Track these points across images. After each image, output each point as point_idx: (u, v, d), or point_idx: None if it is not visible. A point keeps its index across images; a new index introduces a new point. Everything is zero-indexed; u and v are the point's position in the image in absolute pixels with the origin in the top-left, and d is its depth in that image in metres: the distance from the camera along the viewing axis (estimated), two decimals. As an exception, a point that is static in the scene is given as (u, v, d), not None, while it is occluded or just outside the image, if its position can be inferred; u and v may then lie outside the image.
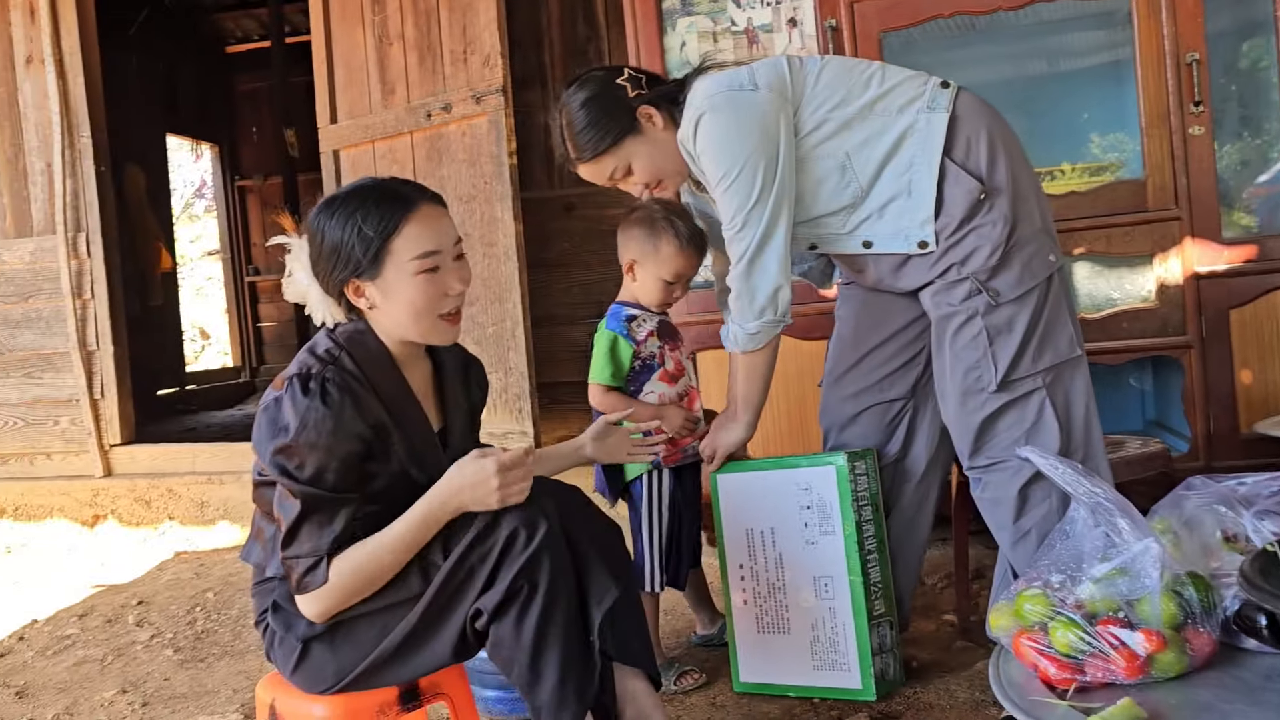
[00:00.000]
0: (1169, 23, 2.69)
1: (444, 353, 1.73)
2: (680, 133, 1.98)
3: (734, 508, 2.13)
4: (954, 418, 1.96)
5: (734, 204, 1.91)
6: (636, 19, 3.10)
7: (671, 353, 2.31)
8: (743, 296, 1.95)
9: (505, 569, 1.48)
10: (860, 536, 1.99)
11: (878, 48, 2.91)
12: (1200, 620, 1.38)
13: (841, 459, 1.99)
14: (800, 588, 2.04)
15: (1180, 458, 2.70)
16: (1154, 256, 2.73)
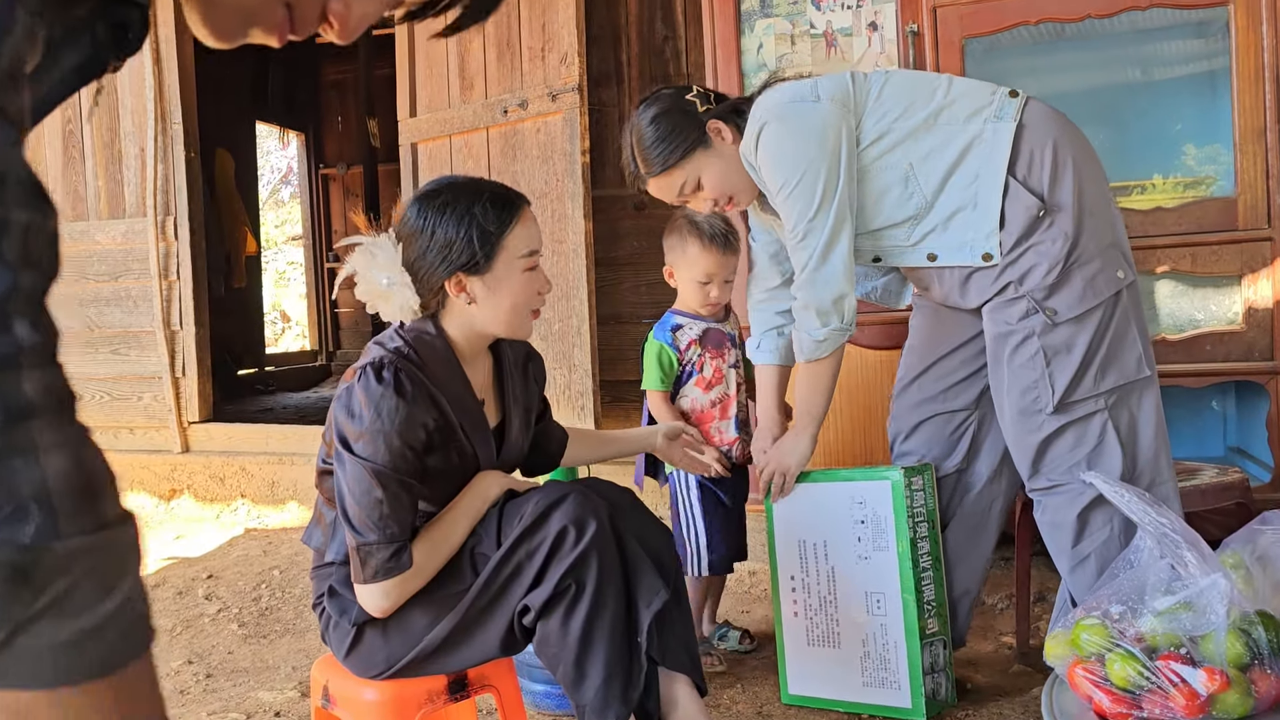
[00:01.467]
0: (1269, 35, 2.59)
1: (506, 349, 1.75)
2: (743, 145, 1.99)
3: (787, 518, 2.10)
4: (1013, 438, 1.93)
5: (795, 212, 1.91)
6: (715, 19, 3.08)
7: (712, 360, 2.36)
8: (809, 305, 1.95)
9: (554, 567, 1.49)
10: (915, 554, 1.95)
11: (960, 54, 2.85)
12: (1268, 662, 1.33)
13: (898, 474, 1.96)
14: (852, 603, 2.01)
15: (1260, 488, 2.59)
16: (1242, 277, 2.63)
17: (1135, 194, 2.89)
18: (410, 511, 1.52)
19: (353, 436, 1.49)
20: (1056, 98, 3.30)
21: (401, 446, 1.49)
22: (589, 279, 3.62)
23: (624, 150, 2.07)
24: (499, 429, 1.70)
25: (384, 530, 1.49)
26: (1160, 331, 2.74)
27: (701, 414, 2.37)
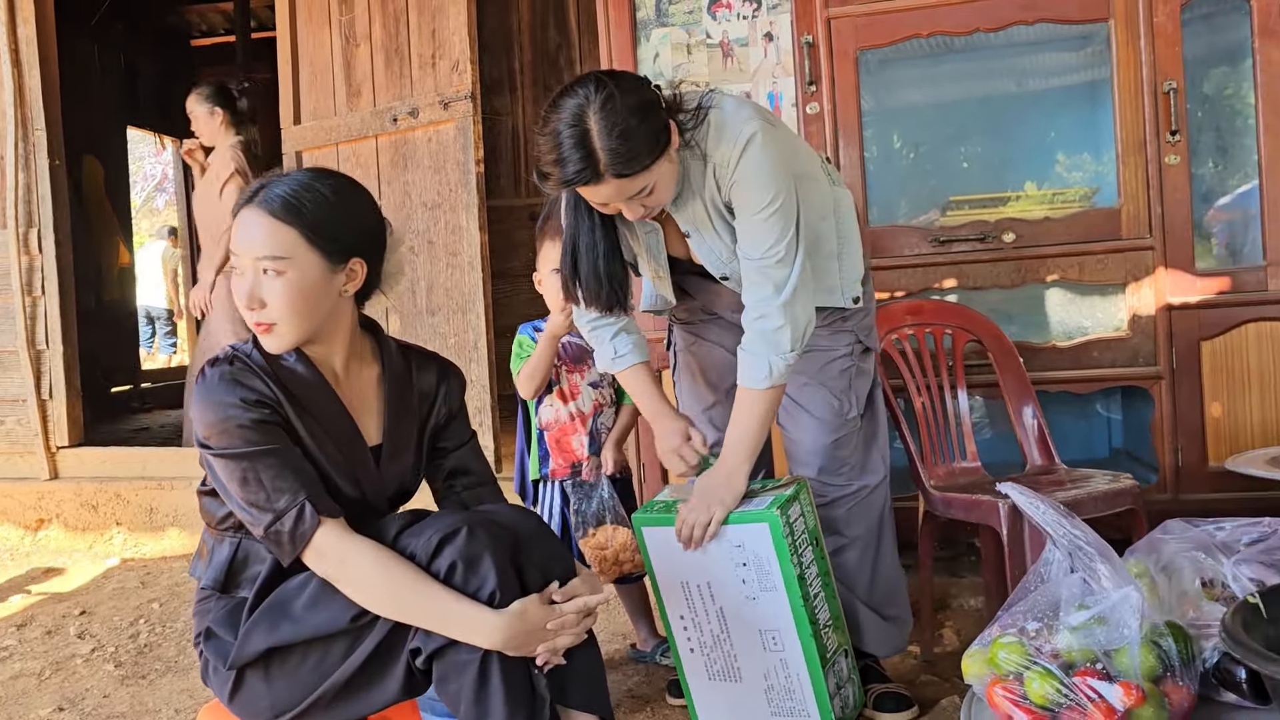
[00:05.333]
0: (1148, 50, 2.68)
1: (396, 362, 1.65)
2: (717, 154, 1.87)
3: (665, 561, 1.97)
4: (809, 440, 2.10)
5: (776, 231, 1.86)
6: (610, 28, 3.04)
7: (569, 374, 2.37)
8: (785, 327, 1.88)
9: None
10: (804, 589, 1.87)
11: (854, 65, 2.88)
12: (1179, 673, 1.34)
13: (774, 513, 1.84)
14: (747, 641, 1.93)
15: (1147, 489, 2.68)
16: (1126, 286, 2.72)
17: (1013, 203, 2.96)
18: (295, 473, 1.46)
19: (206, 435, 1.46)
20: (947, 107, 3.40)
21: (253, 421, 1.45)
22: (485, 292, 3.54)
23: (564, 140, 1.73)
24: (379, 447, 1.61)
25: (274, 504, 1.44)
26: (1050, 339, 2.81)
27: (563, 426, 2.39)
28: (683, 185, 1.91)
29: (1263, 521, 1.57)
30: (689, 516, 1.90)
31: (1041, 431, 2.49)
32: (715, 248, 1.97)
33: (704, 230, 1.95)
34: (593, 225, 1.95)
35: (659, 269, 2.05)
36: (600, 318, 2.07)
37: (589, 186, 1.77)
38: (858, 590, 2.11)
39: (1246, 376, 2.66)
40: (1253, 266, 2.69)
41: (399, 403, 1.63)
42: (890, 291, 2.81)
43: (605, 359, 2.11)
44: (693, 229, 1.96)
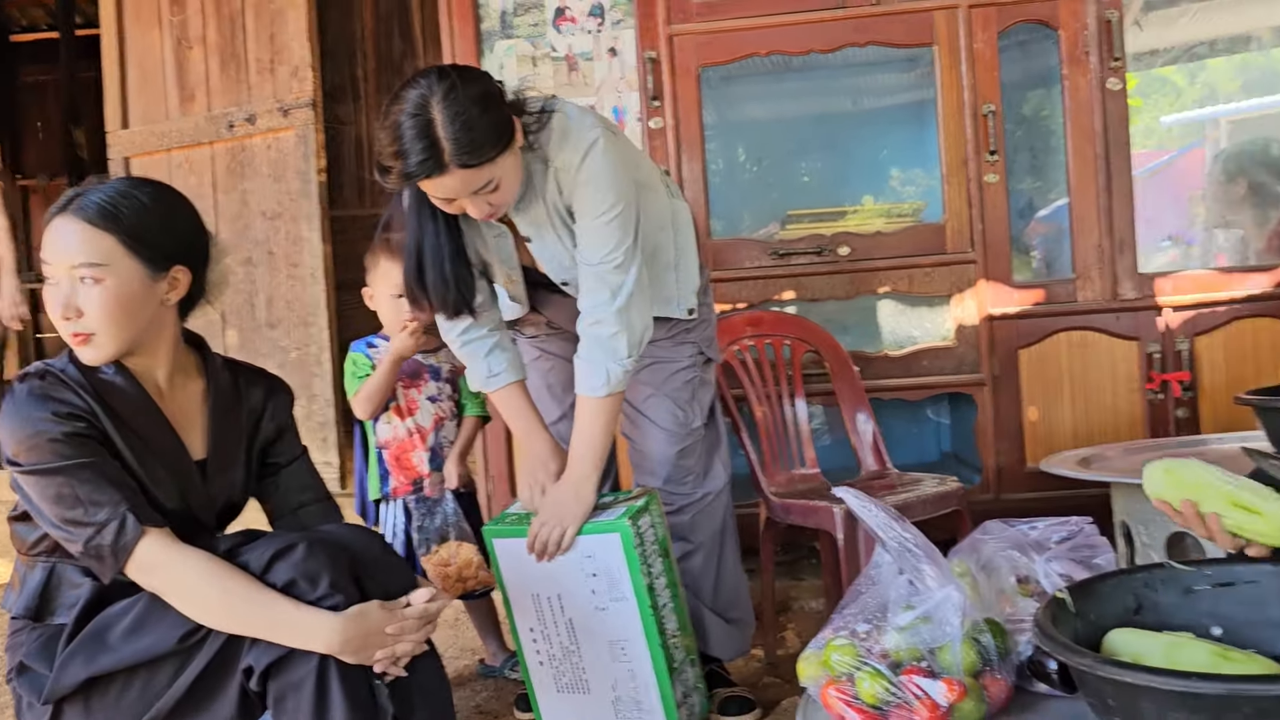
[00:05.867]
0: (968, 75, 2.84)
1: (222, 376, 1.60)
2: (560, 158, 1.87)
3: (516, 573, 1.95)
4: (654, 449, 2.13)
5: (615, 238, 1.87)
6: (454, 39, 3.02)
7: (405, 390, 2.35)
8: (620, 333, 1.89)
9: None
10: (654, 599, 1.89)
11: (696, 81, 2.94)
12: (997, 667, 1.42)
13: (624, 524, 1.85)
14: (596, 652, 1.94)
15: (973, 490, 2.83)
16: (952, 297, 2.87)
17: (850, 216, 3.09)
18: (114, 485, 1.40)
19: (15, 453, 1.40)
20: (788, 123, 3.51)
21: (65, 435, 1.39)
22: (329, 304, 3.46)
23: (406, 131, 1.69)
24: (204, 463, 1.56)
25: (93, 517, 1.38)
26: (883, 348, 2.94)
27: (401, 443, 2.36)
28: (525, 188, 1.90)
29: (1070, 521, 1.68)
30: (541, 531, 1.89)
31: (875, 437, 2.60)
32: (556, 253, 1.97)
33: (545, 235, 1.96)
34: (437, 228, 1.92)
35: (511, 273, 2.05)
36: (465, 332, 2.03)
37: (433, 179, 1.73)
38: (702, 596, 2.15)
39: (1059, 382, 2.85)
40: (1064, 279, 2.88)
41: (224, 417, 1.59)
42: (732, 303, 2.88)
43: (479, 377, 2.06)
44: (534, 233, 1.97)
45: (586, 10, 3.15)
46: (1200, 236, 3.13)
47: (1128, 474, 2.27)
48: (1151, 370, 2.82)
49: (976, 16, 2.83)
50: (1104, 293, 2.84)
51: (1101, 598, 1.44)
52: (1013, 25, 2.85)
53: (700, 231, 2.67)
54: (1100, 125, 2.82)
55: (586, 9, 3.14)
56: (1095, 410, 2.84)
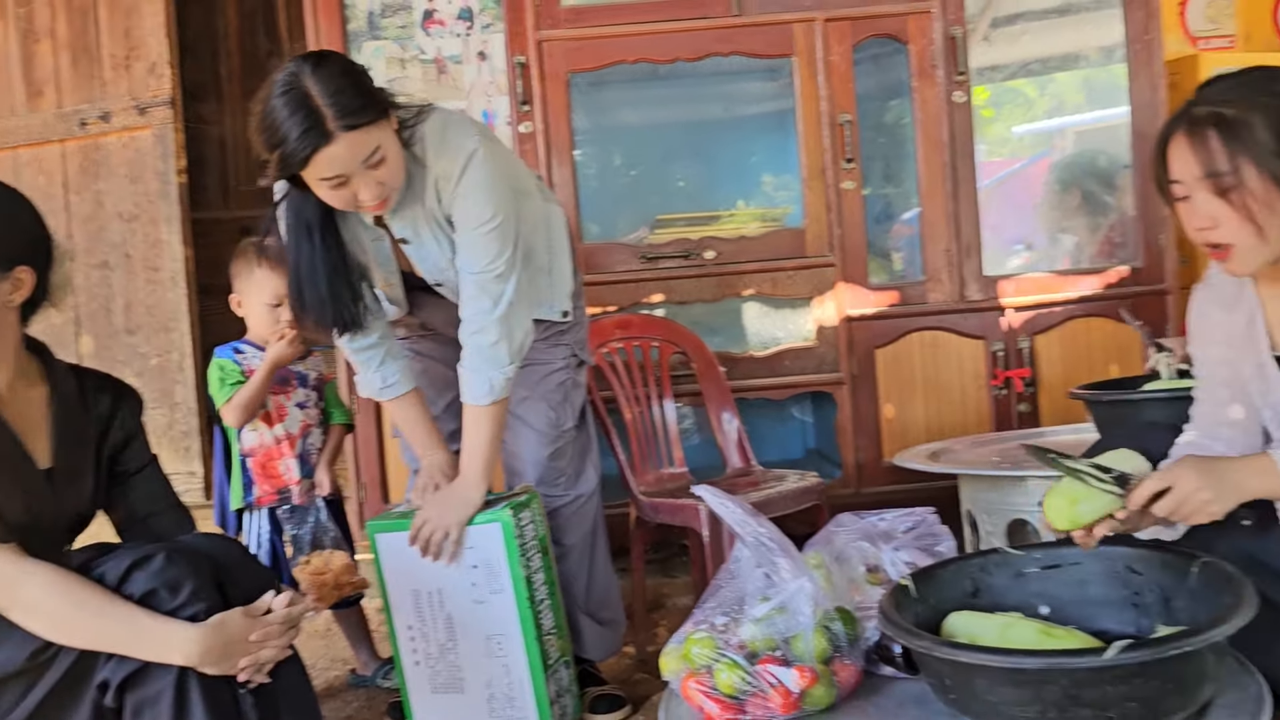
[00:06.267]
0: (826, 85, 2.96)
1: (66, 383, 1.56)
2: (439, 166, 1.88)
3: (397, 569, 1.98)
4: (527, 451, 2.15)
5: (495, 248, 1.90)
6: (320, 38, 2.98)
7: (274, 396, 2.32)
8: (501, 341, 1.92)
9: None
10: (531, 591, 1.94)
11: (565, 87, 2.97)
12: (846, 653, 1.50)
13: (507, 514, 1.91)
14: (472, 648, 1.97)
15: (834, 484, 2.95)
16: (813, 300, 2.98)
17: (725, 221, 3.17)
18: None
19: None
20: (660, 128, 3.57)
21: None
22: (191, 309, 3.37)
23: (280, 110, 1.68)
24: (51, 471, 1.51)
25: None
26: (749, 349, 3.03)
27: (268, 451, 2.33)
28: (404, 189, 1.90)
29: (915, 511, 1.79)
30: (424, 529, 1.92)
31: (740, 436, 2.68)
32: (433, 254, 1.99)
33: (423, 237, 1.97)
34: (313, 246, 1.92)
35: (389, 276, 2.05)
36: (353, 340, 2.03)
37: (321, 153, 1.70)
38: (575, 597, 2.19)
39: (913, 380, 2.99)
40: (915, 282, 3.03)
41: (70, 424, 1.54)
42: (603, 306, 2.93)
43: (372, 387, 2.08)
44: (411, 235, 1.97)
45: (455, 14, 3.15)
46: (1041, 241, 3.33)
47: (973, 466, 2.42)
48: (996, 368, 2.99)
49: (832, 30, 2.95)
50: (952, 295, 3.00)
51: (942, 583, 1.55)
52: (866, 39, 2.98)
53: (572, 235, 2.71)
54: (948, 136, 2.98)
55: (455, 12, 3.14)
56: (946, 406, 2.99)
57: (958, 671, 1.29)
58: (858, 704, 1.47)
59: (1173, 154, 1.45)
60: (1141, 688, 1.20)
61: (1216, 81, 1.46)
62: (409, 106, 1.88)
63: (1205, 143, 1.40)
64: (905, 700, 1.47)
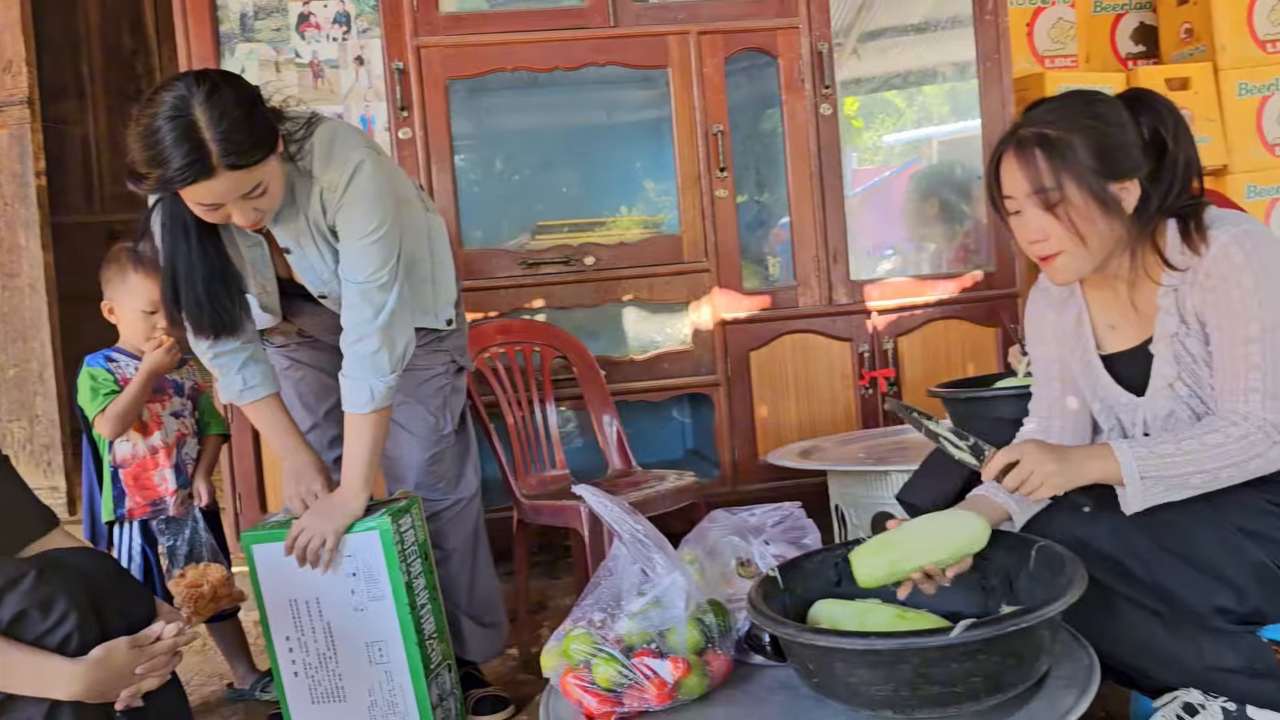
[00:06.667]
0: (699, 96, 3.04)
1: None
2: (325, 177, 1.87)
3: (274, 579, 1.96)
4: (411, 455, 2.18)
5: (379, 258, 1.90)
6: (190, 39, 2.91)
7: (149, 405, 2.29)
8: (382, 350, 1.93)
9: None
10: (412, 596, 1.95)
11: (445, 93, 2.98)
12: (718, 643, 1.57)
13: (385, 521, 1.91)
14: (353, 656, 1.97)
15: (711, 483, 3.04)
16: (689, 304, 3.07)
17: (609, 227, 3.23)
18: None
19: None
20: (543, 135, 3.60)
21: None
22: (51, 317, 3.25)
23: (165, 135, 1.65)
24: None
25: None
26: (628, 353, 3.10)
27: (142, 461, 2.29)
28: (286, 199, 1.90)
29: (783, 506, 1.87)
30: (300, 538, 1.90)
31: (620, 438, 2.74)
32: (316, 265, 1.98)
33: (306, 247, 1.96)
34: (189, 247, 1.88)
35: (265, 283, 2.03)
36: (216, 344, 1.99)
37: (200, 184, 1.69)
38: (457, 601, 2.21)
39: (785, 381, 3.11)
40: (787, 286, 3.15)
41: None
42: (484, 312, 2.96)
43: (232, 391, 2.05)
44: (294, 244, 1.96)
45: (331, 18, 3.12)
46: (905, 247, 3.49)
47: (840, 462, 2.53)
48: (862, 368, 3.13)
49: (705, 42, 3.04)
50: (821, 299, 3.13)
51: (808, 573, 1.63)
52: (738, 52, 3.09)
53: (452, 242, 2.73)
54: (815, 146, 3.11)
55: (331, 16, 3.12)
56: (816, 405, 3.12)
57: (819, 656, 1.37)
58: (729, 692, 1.54)
59: (1004, 172, 1.57)
60: (985, 663, 1.30)
61: (1040, 104, 1.59)
62: (298, 119, 1.87)
63: (1033, 161, 1.52)
64: (774, 686, 1.54)
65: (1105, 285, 1.64)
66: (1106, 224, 1.53)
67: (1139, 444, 1.48)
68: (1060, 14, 3.77)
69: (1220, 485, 1.47)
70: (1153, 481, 1.46)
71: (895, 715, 1.35)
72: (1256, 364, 1.46)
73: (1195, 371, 1.54)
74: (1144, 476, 1.46)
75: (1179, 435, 1.48)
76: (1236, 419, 1.46)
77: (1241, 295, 1.47)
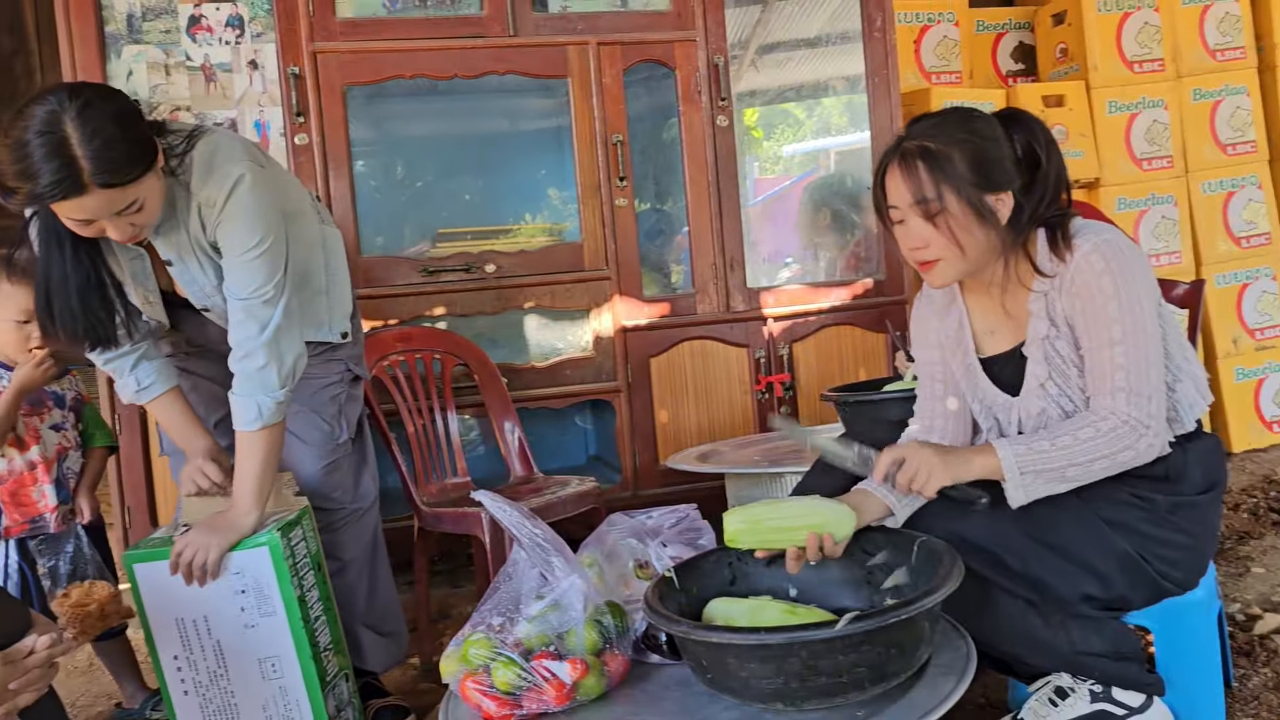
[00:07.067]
0: (599, 106, 3.08)
1: None
2: (203, 193, 1.84)
3: (159, 599, 1.92)
4: (306, 464, 2.15)
5: (264, 273, 1.87)
6: (74, 41, 2.83)
7: (27, 419, 2.22)
8: (269, 365, 1.89)
9: None
10: (305, 610, 1.93)
11: (342, 100, 2.95)
12: (616, 644, 1.60)
13: (274, 536, 1.88)
14: (245, 673, 1.94)
15: (613, 488, 3.07)
16: (590, 311, 3.10)
17: (510, 235, 3.24)
18: None
19: None
20: (445, 142, 3.59)
21: None
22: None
23: (34, 150, 1.60)
24: None
25: None
26: (530, 360, 3.12)
27: (19, 477, 2.21)
28: (167, 212, 1.86)
29: (680, 509, 1.92)
30: (186, 553, 1.86)
31: (522, 445, 2.76)
32: (198, 279, 1.95)
33: (188, 260, 1.93)
34: (64, 257, 1.84)
35: (149, 295, 1.99)
36: (104, 350, 1.97)
37: (71, 200, 1.65)
38: (355, 611, 2.19)
39: (685, 386, 3.16)
40: (686, 294, 3.20)
41: None
42: (383, 319, 2.93)
43: (128, 392, 2.04)
44: (175, 258, 1.93)
45: (223, 21, 3.07)
46: (801, 255, 3.59)
47: (736, 465, 2.59)
48: (759, 373, 3.21)
49: (604, 53, 3.08)
50: (719, 306, 3.19)
51: (703, 573, 1.68)
52: (637, 63, 3.13)
53: (350, 249, 2.70)
54: (712, 157, 3.17)
55: (224, 19, 3.07)
56: (715, 410, 3.18)
57: (711, 652, 1.41)
58: (627, 691, 1.57)
59: (889, 183, 1.65)
60: (869, 654, 1.36)
61: (921, 120, 1.67)
62: (179, 132, 1.84)
63: (916, 173, 1.60)
64: (670, 684, 1.58)
65: (983, 292, 1.72)
66: (983, 233, 1.61)
67: (1017, 441, 1.57)
68: (945, 32, 3.92)
69: (1094, 478, 1.56)
70: (1032, 475, 1.54)
71: (786, 707, 1.40)
72: (1121, 365, 1.56)
73: (1065, 372, 1.64)
74: (1023, 471, 1.54)
75: (1055, 432, 1.57)
76: (1106, 414, 1.55)
77: (1104, 301, 1.57)
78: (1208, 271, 3.88)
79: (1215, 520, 1.70)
